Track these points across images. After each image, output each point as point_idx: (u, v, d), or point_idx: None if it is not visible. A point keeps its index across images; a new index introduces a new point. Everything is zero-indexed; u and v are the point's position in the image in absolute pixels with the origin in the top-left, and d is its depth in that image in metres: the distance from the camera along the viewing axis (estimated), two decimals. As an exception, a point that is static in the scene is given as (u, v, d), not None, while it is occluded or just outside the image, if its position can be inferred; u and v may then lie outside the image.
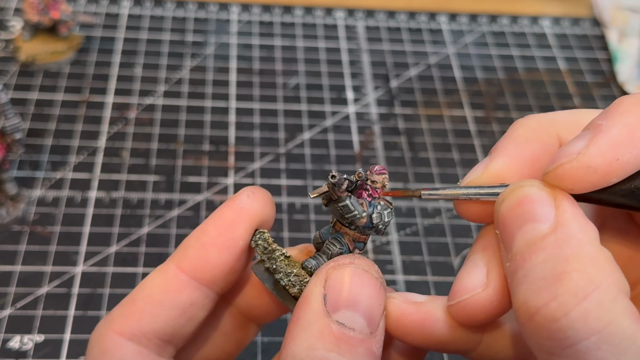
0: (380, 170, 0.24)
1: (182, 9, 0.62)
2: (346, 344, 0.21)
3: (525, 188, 0.21)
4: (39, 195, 0.46)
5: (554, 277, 0.19)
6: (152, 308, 0.24)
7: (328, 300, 0.22)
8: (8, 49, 0.56)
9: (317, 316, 0.21)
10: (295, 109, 0.54)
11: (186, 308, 0.24)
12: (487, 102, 0.56)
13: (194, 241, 0.25)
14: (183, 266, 0.25)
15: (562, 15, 0.66)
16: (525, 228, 0.20)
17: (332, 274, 0.22)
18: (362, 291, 0.22)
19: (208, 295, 0.25)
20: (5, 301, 0.40)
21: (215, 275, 0.25)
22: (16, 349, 0.38)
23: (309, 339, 0.21)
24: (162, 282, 0.25)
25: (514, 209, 0.21)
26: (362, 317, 0.22)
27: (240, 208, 0.25)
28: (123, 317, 0.24)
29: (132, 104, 0.53)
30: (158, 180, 0.47)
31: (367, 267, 0.23)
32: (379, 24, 0.63)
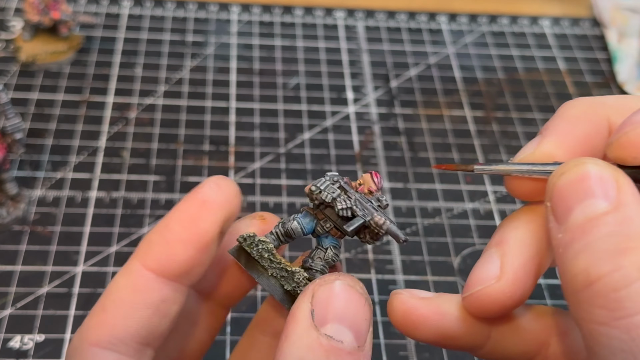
0: (381, 183, 0.25)
1: (183, 9, 0.62)
2: (335, 355, 0.21)
3: (589, 165, 0.21)
4: (39, 195, 0.46)
5: (618, 251, 0.19)
6: (123, 312, 0.24)
7: (316, 315, 0.22)
8: (8, 49, 0.56)
9: (306, 331, 0.22)
10: (296, 109, 0.54)
11: (158, 305, 0.24)
12: (486, 102, 0.56)
13: (158, 237, 0.24)
14: (148, 264, 0.24)
15: (561, 15, 0.66)
16: (586, 203, 0.21)
17: (319, 289, 0.23)
18: (348, 305, 0.22)
19: (178, 289, 0.25)
20: (5, 301, 0.40)
21: (183, 271, 0.24)
22: (17, 348, 0.38)
23: (299, 353, 0.21)
24: (130, 283, 0.24)
25: (575, 183, 0.21)
26: (349, 330, 0.22)
27: (203, 201, 0.24)
28: (96, 327, 0.24)
29: (132, 104, 0.53)
30: (158, 180, 0.47)
31: (352, 283, 0.23)
32: (379, 24, 0.63)
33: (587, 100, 0.25)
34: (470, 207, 0.48)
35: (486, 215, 0.47)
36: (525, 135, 0.54)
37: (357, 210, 0.25)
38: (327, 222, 0.25)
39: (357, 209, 0.25)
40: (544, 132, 0.25)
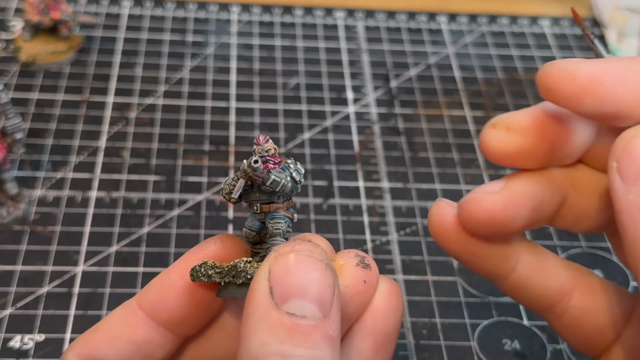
0: (264, 139, 0.25)
1: (183, 9, 0.62)
2: (300, 333, 0.21)
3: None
4: (39, 195, 0.46)
5: None
6: (109, 339, 0.25)
7: (275, 292, 0.21)
8: (9, 49, 0.56)
9: (266, 311, 0.21)
10: (296, 109, 0.54)
11: (141, 345, 0.25)
12: (486, 102, 0.56)
13: (156, 282, 0.25)
14: (142, 305, 0.25)
15: (561, 15, 0.66)
16: None
17: (275, 265, 0.22)
18: (307, 277, 0.22)
19: (166, 336, 0.25)
20: (5, 301, 0.40)
21: (172, 318, 0.25)
22: (17, 348, 0.38)
23: (261, 335, 0.21)
24: (122, 317, 0.25)
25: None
26: (312, 303, 0.21)
27: (204, 255, 0.25)
28: (83, 343, 0.25)
29: (132, 104, 0.53)
30: (158, 180, 0.48)
31: (309, 251, 0.22)
32: (379, 24, 0.63)
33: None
34: (470, 207, 0.48)
35: (486, 215, 0.47)
36: (525, 135, 0.54)
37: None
38: (255, 206, 0.25)
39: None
40: None
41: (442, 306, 0.41)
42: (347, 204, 0.47)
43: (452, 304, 0.41)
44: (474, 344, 0.40)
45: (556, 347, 0.40)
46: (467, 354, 0.39)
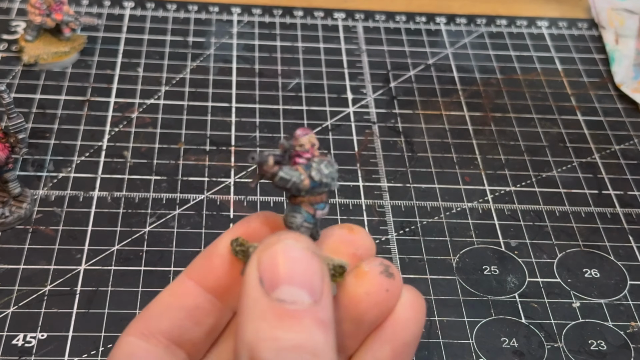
0: (303, 133, 0.24)
1: (184, 10, 0.62)
2: (290, 317, 0.21)
3: None
4: (42, 194, 0.46)
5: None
6: (160, 310, 0.26)
7: (264, 281, 0.22)
8: (11, 49, 0.56)
9: (257, 299, 0.22)
10: (296, 109, 0.54)
11: (191, 311, 0.25)
12: (485, 103, 0.57)
13: (204, 252, 0.26)
14: (190, 274, 0.26)
15: (559, 16, 0.67)
16: None
17: (263, 255, 0.22)
18: (295, 264, 0.22)
19: (215, 303, 0.26)
20: (8, 299, 0.40)
21: (218, 284, 0.26)
22: (20, 346, 0.38)
23: (253, 323, 0.21)
24: (171, 289, 0.26)
25: None
26: (301, 288, 0.22)
27: (248, 225, 0.26)
28: (136, 322, 0.26)
29: (134, 104, 0.53)
30: (160, 179, 0.48)
31: (294, 240, 0.23)
32: (379, 25, 0.63)
33: None
34: (469, 206, 0.48)
35: (485, 214, 0.48)
36: (523, 135, 0.54)
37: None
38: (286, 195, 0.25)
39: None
40: None
41: (441, 304, 0.42)
42: (347, 203, 0.47)
43: (451, 303, 0.42)
44: (473, 342, 0.40)
45: (554, 345, 0.40)
46: (466, 352, 0.39)
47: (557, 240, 0.46)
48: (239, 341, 0.22)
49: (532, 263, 0.45)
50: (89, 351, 0.38)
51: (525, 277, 0.44)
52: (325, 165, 0.25)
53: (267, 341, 0.21)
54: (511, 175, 0.51)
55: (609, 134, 0.55)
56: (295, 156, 0.25)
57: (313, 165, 0.24)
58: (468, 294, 0.42)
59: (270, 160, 0.24)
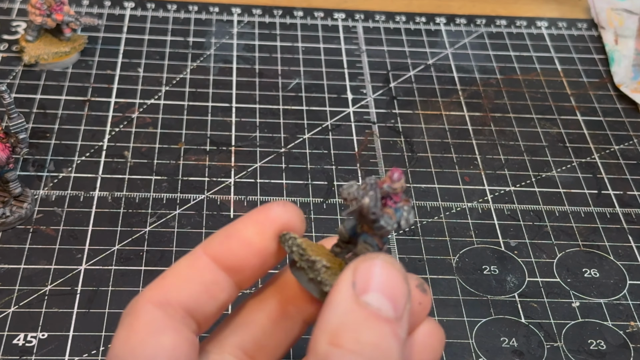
0: (398, 177, 0.25)
1: (184, 10, 0.62)
2: (374, 320, 0.23)
3: None
4: (42, 194, 0.46)
5: None
6: (178, 282, 0.27)
7: (357, 285, 0.24)
8: (12, 50, 0.56)
9: (347, 298, 0.24)
10: (296, 109, 0.54)
11: (209, 286, 0.27)
12: (485, 103, 0.57)
13: (221, 232, 0.28)
14: (208, 251, 0.27)
15: (558, 17, 0.67)
16: None
17: (360, 265, 0.25)
18: (387, 280, 0.24)
19: (228, 280, 0.27)
20: (9, 299, 0.40)
21: (234, 264, 0.27)
22: (20, 346, 0.38)
23: (340, 316, 0.23)
24: (189, 262, 0.27)
25: None
26: (387, 300, 0.24)
27: (269, 212, 0.27)
28: (152, 289, 0.27)
29: (134, 104, 0.53)
30: (160, 179, 0.48)
31: (391, 261, 0.25)
32: (378, 26, 0.63)
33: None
34: (469, 206, 0.48)
35: (484, 214, 0.48)
36: (523, 135, 0.54)
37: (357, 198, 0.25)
38: (359, 222, 0.27)
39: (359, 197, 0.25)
40: None
41: (441, 304, 0.42)
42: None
43: (451, 302, 0.42)
44: (472, 342, 0.40)
45: (553, 345, 0.40)
46: (466, 352, 0.40)
47: (557, 240, 0.46)
48: (319, 330, 0.23)
49: (532, 263, 0.45)
50: (90, 351, 0.38)
51: (525, 276, 0.44)
52: (412, 215, 0.26)
53: (350, 331, 0.23)
54: (511, 175, 0.51)
55: (608, 134, 0.55)
56: (385, 197, 0.26)
57: (404, 214, 0.26)
58: (468, 294, 0.42)
59: (366, 202, 0.25)
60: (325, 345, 0.23)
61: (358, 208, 0.25)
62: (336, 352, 0.23)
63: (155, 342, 0.25)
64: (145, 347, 0.25)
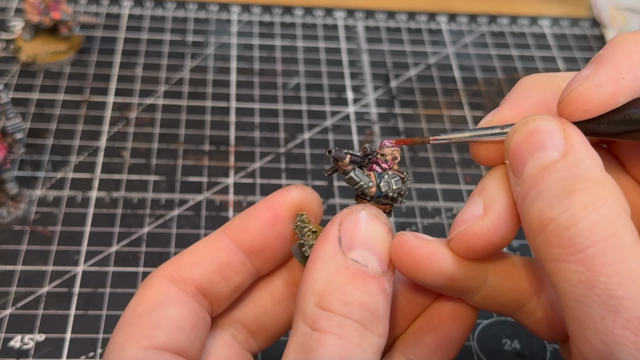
0: (390, 144, 0.26)
1: (183, 9, 0.62)
2: (360, 278, 0.23)
3: (537, 120, 0.23)
4: (40, 195, 0.46)
5: (566, 193, 0.21)
6: (193, 260, 0.28)
7: (343, 241, 0.24)
8: (9, 49, 0.56)
9: (333, 255, 0.24)
10: (296, 109, 0.54)
11: (223, 266, 0.27)
12: (486, 102, 0.56)
13: (242, 214, 0.28)
14: (227, 231, 0.28)
15: (561, 15, 0.66)
16: (537, 155, 0.22)
17: (346, 218, 0.25)
18: (373, 233, 0.24)
19: (245, 262, 0.28)
20: (6, 300, 0.40)
21: (253, 245, 0.28)
22: (17, 348, 0.38)
23: (327, 275, 0.23)
24: (207, 242, 0.28)
25: (526, 138, 0.23)
26: (374, 256, 0.24)
27: (288, 194, 0.28)
28: (169, 265, 0.28)
29: (132, 104, 0.53)
30: (158, 180, 0.48)
31: (377, 213, 0.25)
32: (379, 24, 0.63)
33: (540, 74, 0.27)
34: (470, 206, 0.48)
35: (486, 215, 0.47)
36: (525, 135, 0.54)
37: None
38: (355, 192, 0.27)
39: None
40: (502, 103, 0.27)
41: (442, 306, 0.41)
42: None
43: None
44: (474, 344, 0.40)
45: (556, 347, 0.40)
46: (467, 354, 0.39)
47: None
48: (306, 288, 0.24)
49: (534, 264, 0.44)
50: (87, 353, 0.38)
51: (527, 278, 0.43)
52: (396, 181, 0.26)
53: (337, 292, 0.23)
54: (512, 175, 0.50)
55: (611, 133, 0.55)
56: (374, 162, 0.26)
57: (385, 177, 0.26)
58: (469, 296, 0.42)
59: (347, 158, 0.26)
60: (313, 307, 0.23)
61: (334, 164, 0.26)
62: (324, 315, 0.23)
63: (161, 310, 0.26)
64: (151, 315, 0.26)
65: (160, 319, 0.26)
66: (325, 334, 0.22)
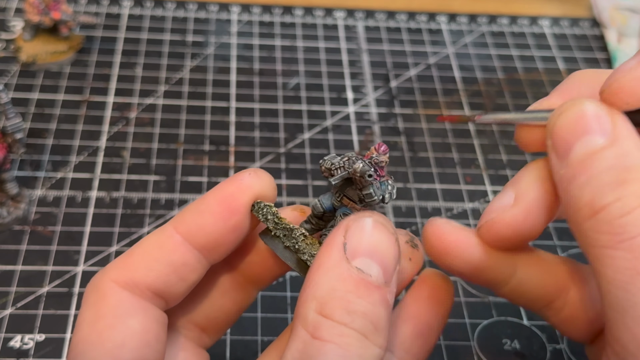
0: (385, 150, 0.26)
1: (183, 9, 0.62)
2: (364, 287, 0.23)
3: (585, 104, 0.23)
4: (39, 195, 0.46)
5: (619, 182, 0.21)
6: (147, 262, 0.26)
7: (348, 248, 0.23)
8: (9, 49, 0.56)
9: (338, 262, 0.23)
10: (296, 109, 0.54)
11: (178, 267, 0.26)
12: (486, 102, 0.56)
13: (193, 207, 0.27)
14: (179, 229, 0.26)
15: (561, 15, 0.66)
16: (585, 139, 0.22)
17: (353, 224, 0.24)
18: (379, 242, 0.24)
19: (200, 260, 0.27)
20: (6, 300, 0.40)
21: (208, 242, 0.26)
22: (17, 348, 0.38)
23: (330, 282, 0.23)
24: (159, 241, 0.26)
25: (573, 121, 0.23)
26: (378, 265, 0.23)
27: (240, 183, 0.26)
28: (119, 268, 0.26)
29: (132, 104, 0.53)
30: (159, 180, 0.48)
31: (384, 221, 0.24)
32: (379, 24, 0.63)
33: (592, 69, 0.27)
34: (470, 206, 0.48)
35: (486, 215, 0.47)
36: (525, 135, 0.54)
37: (344, 168, 0.26)
38: (339, 194, 0.27)
39: (345, 167, 0.26)
40: (552, 92, 0.26)
41: (442, 306, 0.41)
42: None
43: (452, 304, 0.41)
44: (474, 344, 0.40)
45: (556, 347, 0.40)
46: (467, 354, 0.39)
47: (559, 241, 0.46)
48: (307, 294, 0.23)
49: (534, 264, 0.44)
50: (87, 353, 0.38)
51: (527, 278, 0.43)
52: (395, 191, 0.26)
53: (340, 300, 0.22)
54: (512, 175, 0.50)
55: (611, 133, 0.55)
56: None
57: (389, 187, 0.26)
58: (469, 295, 0.42)
59: (359, 166, 0.25)
60: (314, 314, 0.23)
61: (350, 173, 0.25)
62: (326, 323, 0.22)
63: (124, 326, 0.24)
64: (113, 332, 0.24)
65: (125, 336, 0.24)
66: (327, 343, 0.22)
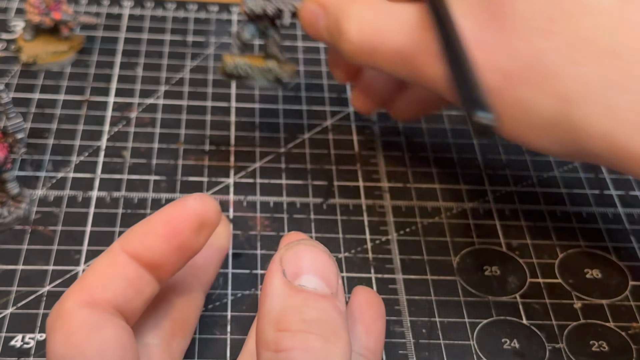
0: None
1: (183, 9, 0.62)
2: (312, 299, 0.24)
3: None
4: (40, 194, 0.46)
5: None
6: (102, 281, 0.27)
7: (287, 273, 0.24)
8: (10, 49, 0.56)
9: (282, 286, 0.24)
10: (296, 109, 0.54)
11: (134, 280, 0.27)
12: (486, 102, 0.56)
13: (138, 228, 0.28)
14: (126, 248, 0.27)
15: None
16: None
17: (285, 253, 0.25)
18: (314, 261, 0.25)
19: (151, 277, 0.28)
20: (7, 300, 0.40)
21: (153, 260, 0.27)
22: (18, 347, 0.38)
23: (280, 304, 0.24)
24: (108, 260, 0.27)
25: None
26: (320, 280, 0.24)
27: (185, 206, 0.28)
28: (77, 292, 0.27)
29: (133, 104, 0.53)
30: (159, 179, 0.48)
31: (313, 243, 0.26)
32: (379, 25, 0.63)
33: None
34: (470, 206, 0.48)
35: (486, 214, 0.47)
36: (525, 135, 0.54)
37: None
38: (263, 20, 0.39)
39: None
40: None
41: (442, 305, 0.41)
42: (347, 204, 0.47)
43: (452, 303, 0.42)
44: (473, 343, 0.40)
45: (555, 347, 0.40)
46: (467, 353, 0.39)
47: (559, 241, 0.46)
48: (263, 323, 0.24)
49: (533, 263, 0.44)
50: (88, 352, 0.38)
51: (527, 277, 0.43)
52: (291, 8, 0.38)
53: (293, 314, 0.23)
54: (512, 175, 0.50)
55: (610, 133, 0.55)
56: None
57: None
58: (469, 295, 0.42)
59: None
60: (273, 332, 0.23)
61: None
62: (285, 335, 0.23)
63: (98, 335, 0.25)
64: (90, 342, 0.25)
65: (102, 343, 0.25)
66: (291, 350, 0.22)
